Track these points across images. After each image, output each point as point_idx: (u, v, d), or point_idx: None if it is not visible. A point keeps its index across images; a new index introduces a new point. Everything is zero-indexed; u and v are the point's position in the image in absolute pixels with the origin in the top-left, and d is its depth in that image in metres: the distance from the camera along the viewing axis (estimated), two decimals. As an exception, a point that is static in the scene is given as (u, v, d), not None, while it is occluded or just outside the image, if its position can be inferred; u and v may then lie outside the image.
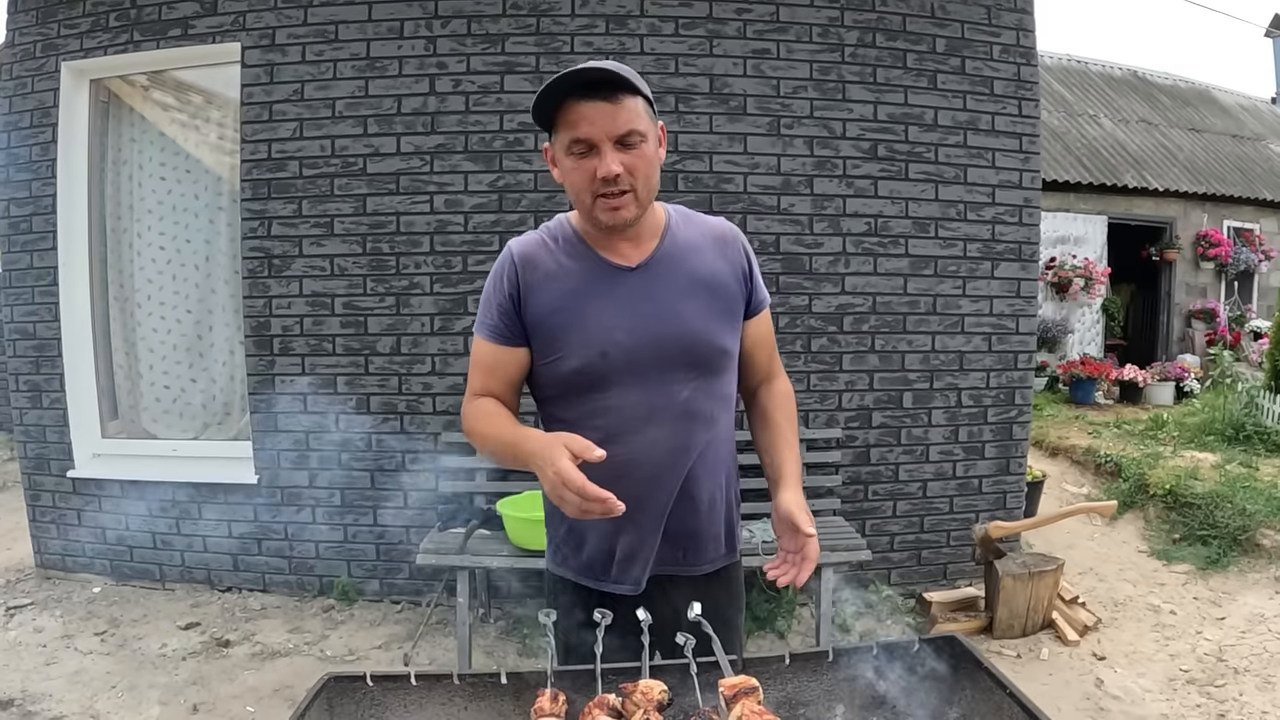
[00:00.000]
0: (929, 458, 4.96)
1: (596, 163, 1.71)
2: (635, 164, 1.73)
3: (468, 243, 4.67)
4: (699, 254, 1.91)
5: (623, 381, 1.82)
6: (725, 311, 1.91)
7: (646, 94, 1.76)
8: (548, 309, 1.82)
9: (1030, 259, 5.00)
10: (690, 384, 1.85)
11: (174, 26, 4.81)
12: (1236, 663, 4.21)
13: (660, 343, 1.82)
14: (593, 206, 1.76)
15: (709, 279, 1.89)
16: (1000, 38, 4.91)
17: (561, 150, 1.75)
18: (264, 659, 4.23)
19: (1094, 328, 11.86)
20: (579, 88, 1.69)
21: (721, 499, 1.98)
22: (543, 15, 4.63)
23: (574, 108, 1.69)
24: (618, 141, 1.71)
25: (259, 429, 4.85)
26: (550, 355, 1.84)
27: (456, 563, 3.98)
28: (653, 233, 1.89)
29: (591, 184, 1.72)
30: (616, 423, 1.82)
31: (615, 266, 1.85)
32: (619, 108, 1.69)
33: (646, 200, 1.79)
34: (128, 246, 5.28)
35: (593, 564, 1.93)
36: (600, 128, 1.69)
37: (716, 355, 1.88)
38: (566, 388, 1.85)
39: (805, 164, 4.75)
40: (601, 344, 1.80)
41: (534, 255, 1.87)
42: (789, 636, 4.49)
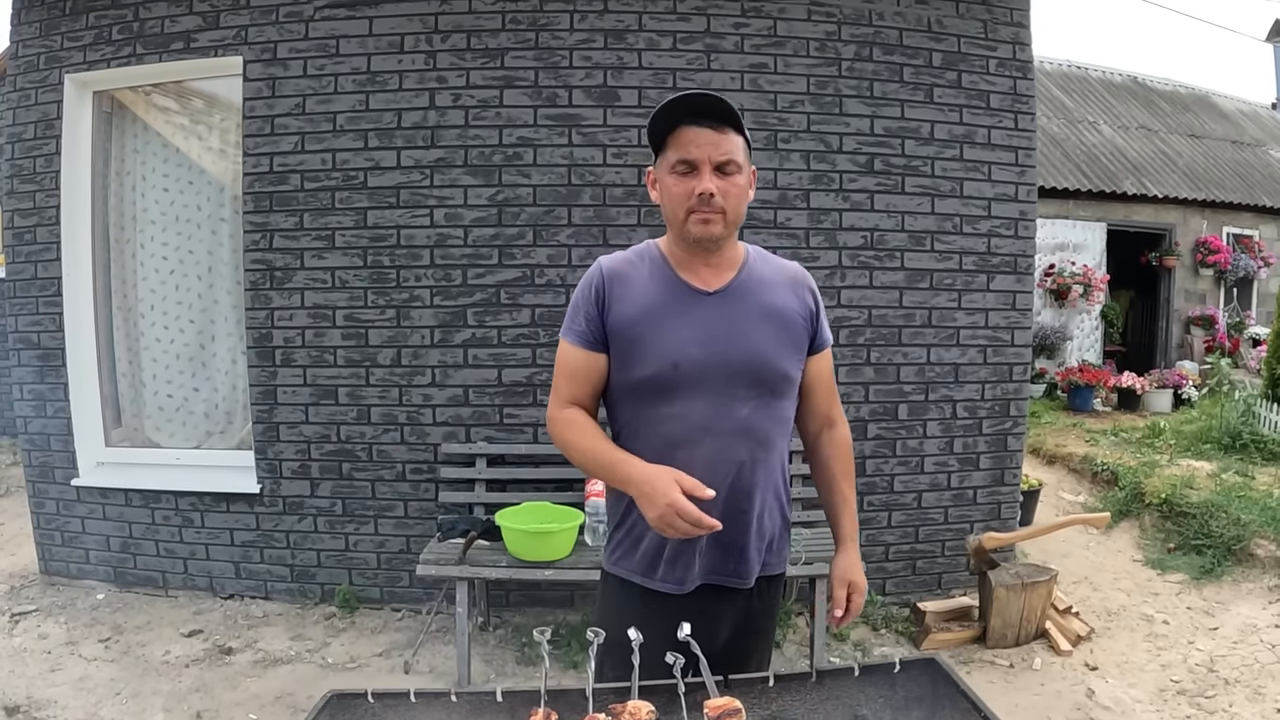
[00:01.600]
0: (924, 469, 4.99)
1: (695, 182, 1.90)
2: (729, 189, 1.92)
3: (467, 256, 4.71)
4: (773, 289, 2.06)
5: (689, 393, 1.96)
6: (791, 342, 2.06)
7: (747, 137, 1.98)
8: (629, 320, 1.98)
9: (1026, 271, 5.03)
10: (751, 403, 1.99)
11: (176, 40, 4.85)
12: (1228, 673, 4.24)
13: (729, 361, 1.96)
14: (685, 221, 1.94)
15: (780, 311, 2.05)
16: (997, 51, 4.94)
17: (666, 169, 1.95)
18: (266, 666, 4.27)
19: (1093, 334, 11.87)
20: (692, 114, 1.90)
21: (769, 516, 2.09)
22: (541, 30, 4.67)
23: (685, 131, 1.91)
24: (717, 167, 1.90)
25: (261, 438, 4.88)
26: (627, 362, 1.99)
27: (456, 573, 4.02)
28: (732, 264, 2.05)
29: (688, 200, 1.91)
30: (679, 430, 1.96)
31: (695, 290, 2.01)
32: (724, 137, 1.91)
33: (733, 225, 1.97)
34: (131, 257, 5.31)
35: (645, 561, 2.05)
36: (704, 151, 1.89)
37: (779, 379, 2.03)
38: (637, 394, 2.00)
39: (802, 178, 4.78)
40: (675, 356, 1.94)
41: (621, 270, 2.04)
42: (784, 646, 4.52)
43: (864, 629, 4.72)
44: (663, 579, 2.03)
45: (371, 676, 4.18)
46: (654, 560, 2.03)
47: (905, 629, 4.70)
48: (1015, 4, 4.97)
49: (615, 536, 2.12)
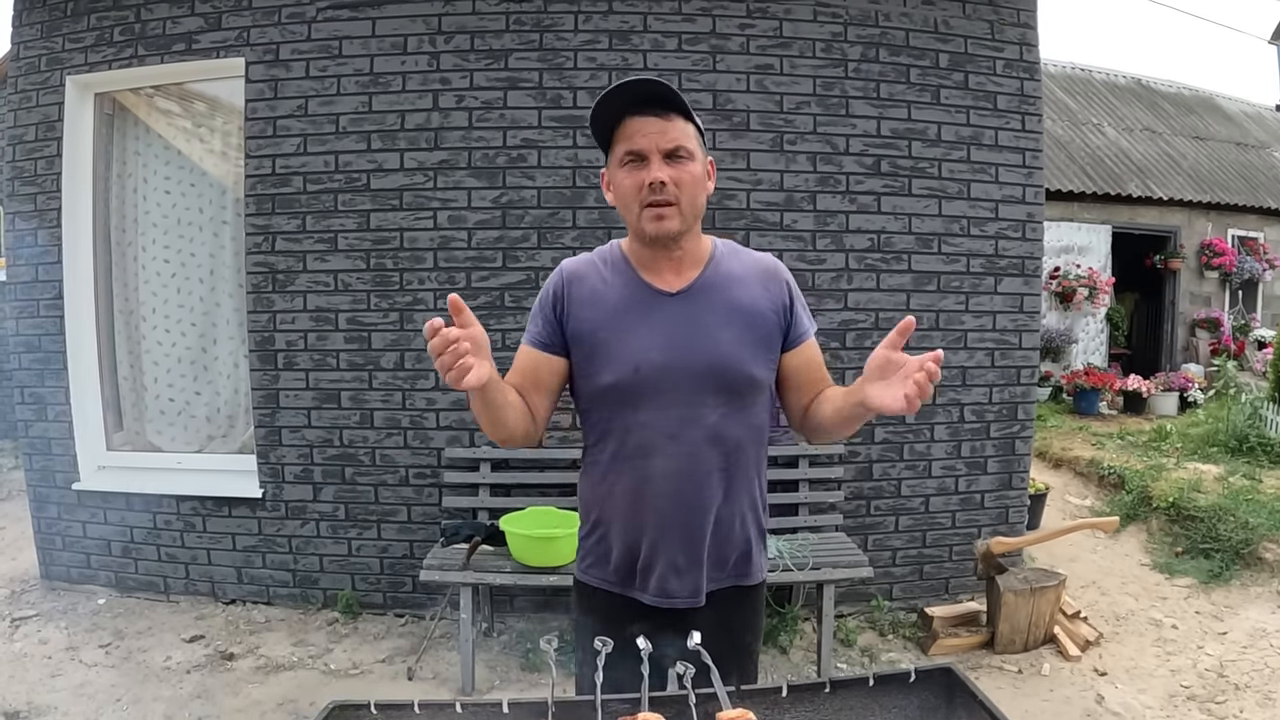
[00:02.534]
0: (931, 473, 4.96)
1: (645, 173, 1.83)
2: (681, 177, 1.85)
3: (471, 259, 4.69)
4: (740, 285, 1.98)
5: (654, 400, 1.89)
6: (761, 342, 1.96)
7: (698, 124, 1.91)
8: (589, 325, 1.92)
9: (1033, 274, 5.01)
10: (719, 409, 1.91)
11: (178, 41, 4.83)
12: (1237, 679, 4.21)
13: (691, 365, 1.89)
14: (640, 216, 1.86)
15: (747, 309, 1.95)
16: (1004, 53, 4.92)
17: (616, 164, 1.89)
18: (268, 672, 4.25)
19: (1098, 337, 11.85)
20: (634, 103, 1.83)
21: (740, 525, 2.01)
22: (546, 31, 4.65)
23: (629, 122, 1.85)
24: (667, 155, 1.84)
25: (263, 443, 4.86)
26: (588, 369, 1.93)
27: (460, 579, 4.00)
28: (696, 261, 1.98)
29: (640, 193, 1.84)
30: (645, 438, 1.90)
31: (657, 291, 1.94)
32: (670, 124, 1.85)
33: (690, 217, 1.89)
34: (132, 260, 5.29)
35: (618, 571, 2.00)
36: (651, 140, 1.83)
37: (745, 382, 1.94)
38: (602, 400, 1.94)
39: (808, 180, 4.75)
40: (635, 360, 1.88)
41: (582, 273, 1.99)
42: (791, 652, 4.49)
43: (871, 634, 4.69)
44: (640, 589, 1.98)
45: (374, 683, 4.15)
46: (626, 569, 1.99)
47: (913, 634, 4.67)
48: (1022, 4, 4.95)
49: (586, 544, 2.07)
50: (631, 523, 1.94)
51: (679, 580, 1.96)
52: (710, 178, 1.96)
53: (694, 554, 1.95)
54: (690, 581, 1.96)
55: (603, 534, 2.01)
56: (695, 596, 1.97)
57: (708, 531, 1.95)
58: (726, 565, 2.02)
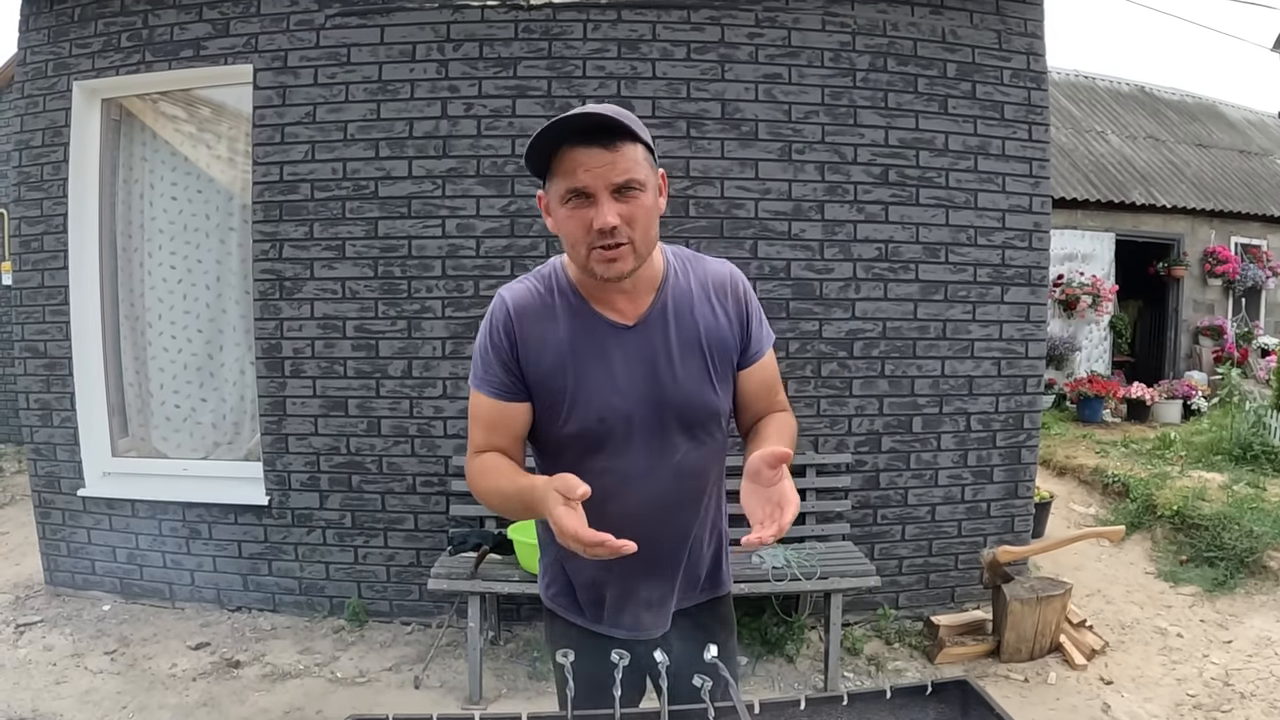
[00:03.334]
0: (938, 482, 4.96)
1: (593, 213, 1.63)
2: (634, 214, 1.66)
3: (479, 267, 4.69)
4: (695, 307, 1.86)
5: (618, 443, 1.81)
6: (719, 369, 1.87)
7: (647, 141, 1.70)
8: (547, 370, 1.79)
9: (1040, 283, 5.01)
10: (683, 445, 1.85)
11: (186, 47, 4.83)
12: (1243, 687, 4.21)
13: (656, 406, 1.80)
14: (588, 258, 1.69)
15: (706, 335, 1.85)
16: (1011, 62, 4.92)
17: (556, 199, 1.68)
18: (274, 680, 4.24)
19: (1101, 345, 11.85)
20: (576, 134, 1.61)
21: (709, 540, 2.00)
22: (555, 39, 4.65)
23: (570, 155, 1.62)
24: (615, 191, 1.64)
25: (270, 450, 4.86)
26: (551, 416, 1.81)
27: (468, 588, 4.00)
28: (649, 286, 1.83)
29: (587, 235, 1.65)
30: (612, 483, 1.77)
31: (611, 324, 1.80)
32: (618, 155, 1.63)
33: (645, 252, 1.73)
34: (138, 265, 5.29)
35: (583, 607, 1.97)
36: (597, 176, 1.62)
37: (709, 418, 1.87)
38: (564, 447, 1.83)
39: (816, 189, 4.76)
40: (599, 409, 1.78)
41: (530, 309, 1.81)
42: (798, 661, 4.49)
43: (877, 643, 4.69)
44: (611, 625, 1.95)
45: (381, 691, 4.15)
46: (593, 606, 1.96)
47: (919, 643, 4.67)
48: (1029, 15, 4.95)
49: (548, 573, 2.03)
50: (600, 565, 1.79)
51: (650, 616, 1.93)
52: (662, 194, 1.77)
53: (666, 587, 1.93)
54: (662, 615, 1.95)
55: (568, 572, 1.97)
56: (665, 626, 1.95)
57: (679, 562, 1.93)
58: (698, 584, 2.00)
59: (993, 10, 4.89)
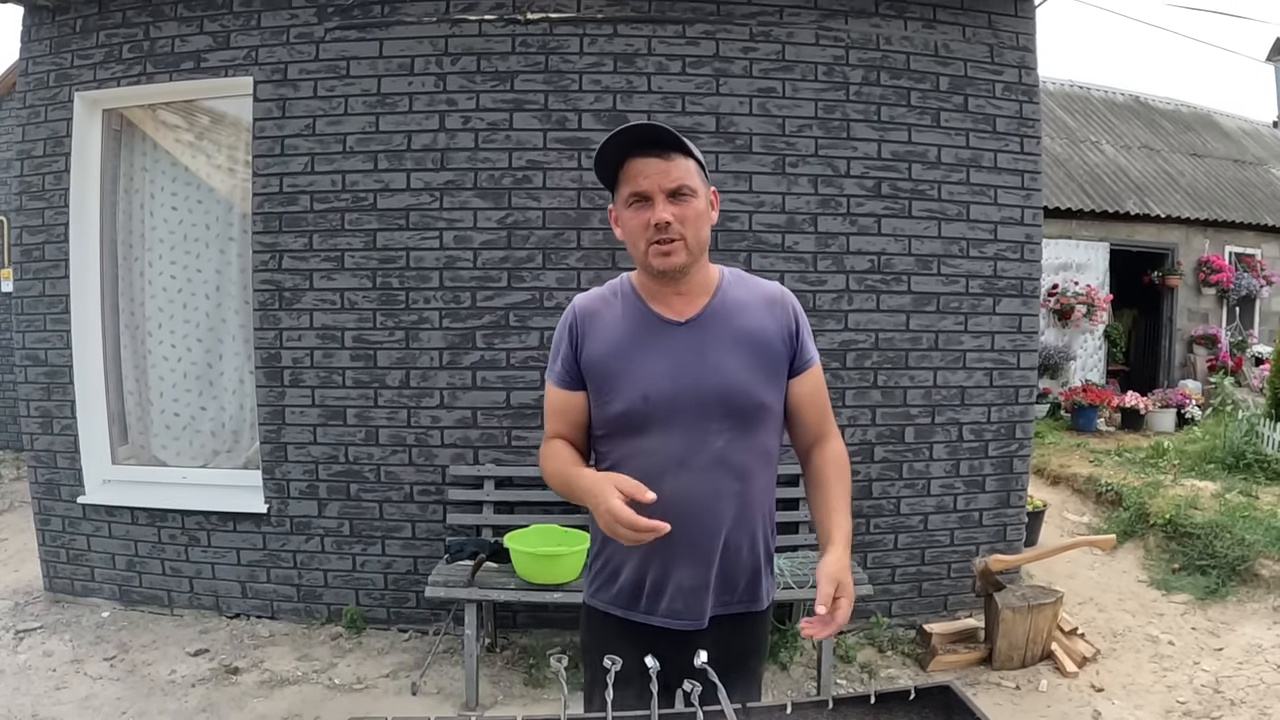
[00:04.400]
0: (930, 491, 5.00)
1: (650, 213, 1.90)
2: (685, 215, 1.91)
3: (476, 278, 4.73)
4: (747, 312, 2.04)
5: (662, 427, 1.96)
6: (767, 368, 2.03)
7: (699, 158, 1.97)
8: (600, 356, 2.00)
9: (1031, 294, 5.06)
10: (725, 434, 1.98)
11: (187, 59, 4.87)
12: (1233, 694, 4.24)
13: (699, 392, 1.95)
14: (646, 253, 1.93)
15: (753, 336, 2.02)
16: (1003, 75, 4.97)
17: (622, 204, 1.96)
18: (273, 686, 4.27)
19: (1096, 354, 11.88)
20: (636, 145, 1.91)
21: (748, 549, 2.06)
22: (551, 53, 4.70)
23: (632, 164, 1.92)
24: (670, 194, 1.90)
25: (269, 459, 4.89)
26: (600, 398, 2.01)
27: (464, 595, 4.04)
28: (704, 290, 2.04)
29: (646, 231, 1.91)
30: (653, 464, 1.95)
31: (666, 321, 2.01)
32: (671, 164, 1.91)
33: (696, 251, 1.95)
34: (139, 275, 5.33)
35: (625, 593, 2.06)
36: (654, 181, 1.90)
37: (753, 408, 2.00)
38: (613, 428, 2.01)
39: (810, 202, 4.80)
40: (645, 389, 1.95)
41: (594, 308, 2.07)
42: (791, 668, 4.52)
43: (870, 650, 4.72)
44: (646, 611, 2.04)
45: (379, 697, 4.18)
46: (633, 591, 2.04)
47: (911, 651, 4.71)
48: (1021, 28, 5.00)
49: (594, 567, 2.14)
50: (641, 547, 1.94)
51: (686, 603, 2.00)
52: (713, 208, 2.02)
53: (703, 577, 2.00)
54: (697, 604, 2.01)
55: (610, 556, 2.07)
56: (700, 619, 2.01)
57: (716, 555, 2.00)
58: (736, 590, 2.06)
59: (985, 24, 4.95)
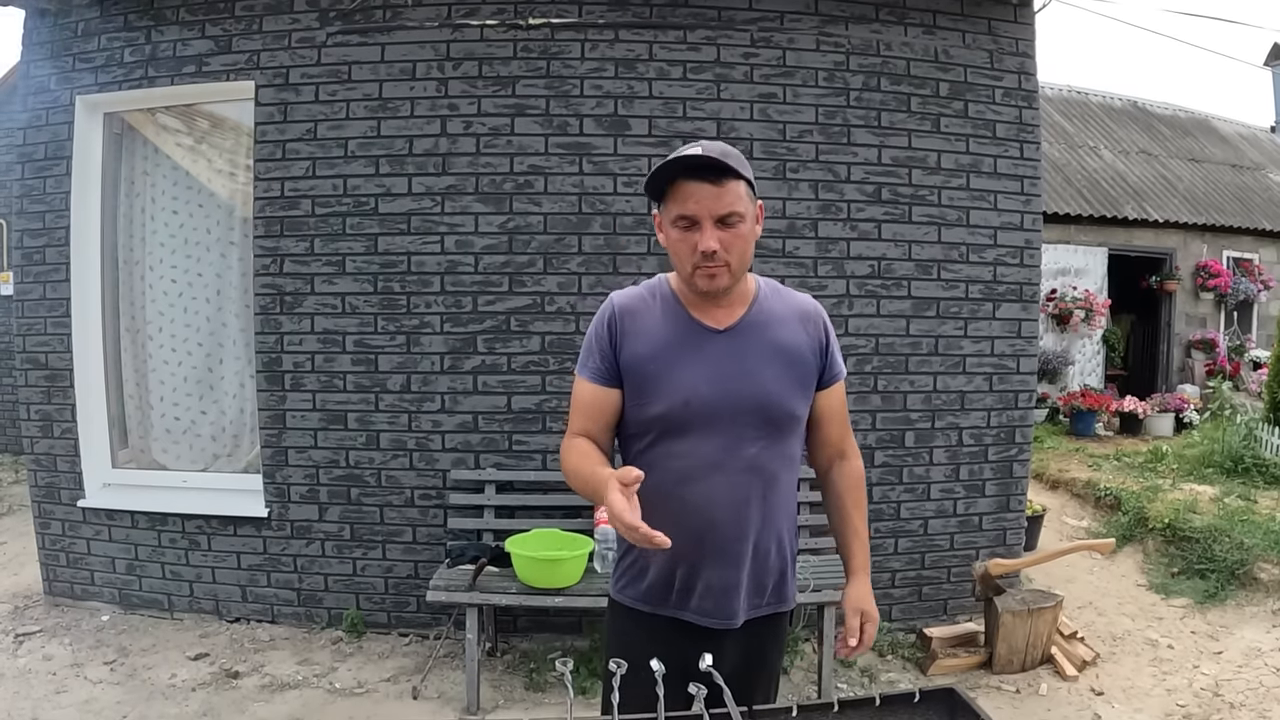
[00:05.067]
0: (930, 496, 5.00)
1: (698, 237, 1.90)
2: (732, 242, 1.92)
3: (478, 283, 4.73)
4: (782, 325, 2.08)
5: (699, 430, 1.99)
6: (799, 380, 2.07)
7: (749, 177, 1.95)
8: (642, 357, 2.01)
9: (1031, 299, 5.07)
10: (759, 441, 2.01)
11: (189, 63, 4.88)
12: (1233, 698, 4.25)
13: (738, 400, 1.99)
14: (692, 275, 1.95)
15: (788, 348, 2.06)
16: (1002, 81, 4.99)
17: (668, 221, 1.96)
18: (274, 690, 4.27)
19: (1094, 359, 11.90)
20: (689, 168, 1.89)
21: (775, 552, 2.11)
22: (553, 59, 4.71)
23: (683, 186, 1.90)
24: (719, 221, 1.90)
25: (270, 463, 4.89)
26: (639, 399, 2.02)
27: (466, 599, 4.04)
28: (742, 300, 2.07)
29: (693, 255, 1.92)
30: (688, 466, 1.99)
31: (706, 328, 2.03)
32: (723, 190, 1.89)
33: (739, 272, 1.98)
34: (139, 279, 5.33)
35: (652, 591, 2.08)
36: (705, 207, 1.89)
37: (786, 418, 2.05)
38: (650, 429, 2.03)
39: (810, 207, 4.81)
40: (686, 393, 1.97)
41: (633, 307, 2.07)
42: (792, 672, 4.52)
43: (871, 655, 4.72)
44: (676, 607, 2.06)
45: (379, 702, 4.18)
46: (662, 589, 2.06)
47: (912, 655, 4.71)
48: (1020, 35, 5.02)
49: (622, 564, 2.15)
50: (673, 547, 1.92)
51: (717, 603, 2.03)
52: (758, 222, 2.02)
53: (732, 578, 2.03)
54: (727, 604, 2.04)
55: (639, 554, 2.08)
56: (731, 619, 2.04)
57: (747, 557, 2.04)
58: (765, 591, 2.11)
59: (985, 30, 4.96)
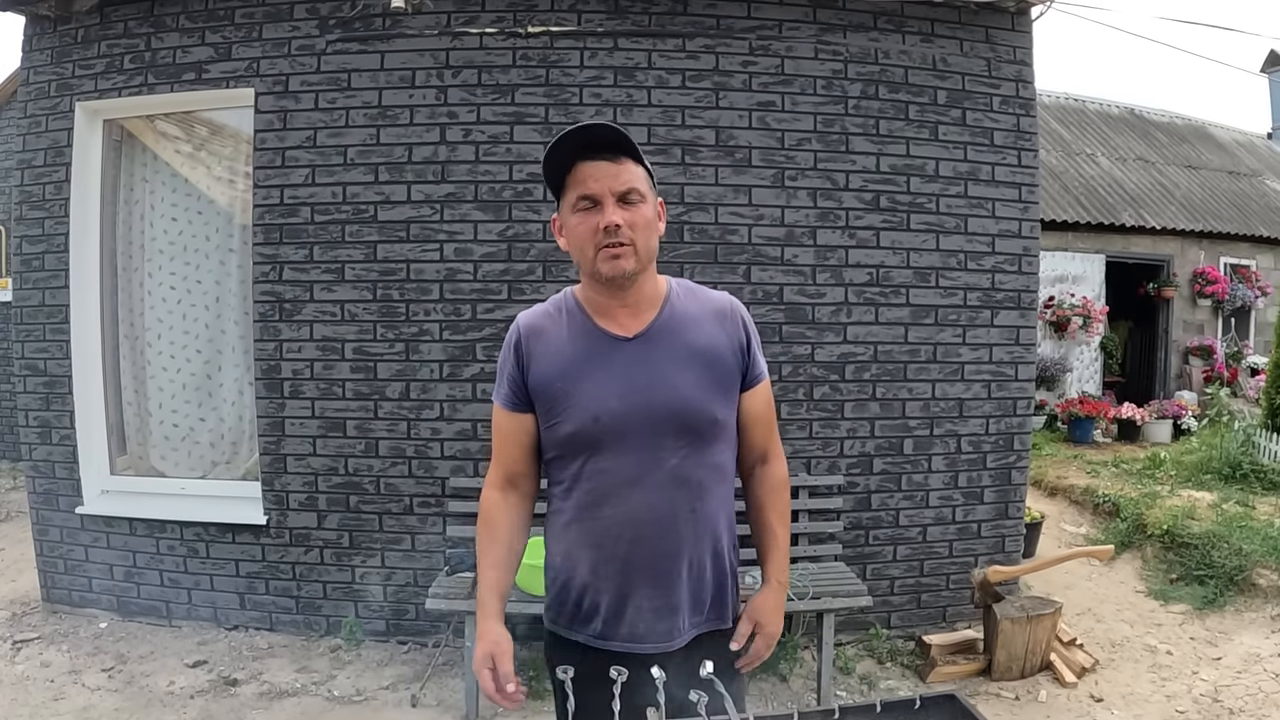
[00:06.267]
0: (929, 503, 5.01)
1: (599, 217, 1.86)
2: (635, 220, 1.88)
3: (477, 291, 4.74)
4: (697, 325, 1.99)
5: (614, 446, 1.91)
6: (719, 383, 1.98)
7: (647, 166, 1.94)
8: (548, 377, 1.94)
9: (1029, 307, 5.08)
10: (679, 452, 1.92)
11: (188, 70, 4.89)
12: (1232, 703, 4.26)
13: (651, 410, 1.90)
14: (595, 259, 1.88)
15: (704, 350, 1.97)
16: (1000, 89, 5.01)
17: (569, 209, 1.91)
18: (272, 698, 4.27)
19: (1092, 366, 11.90)
20: (586, 149, 1.87)
21: (710, 566, 2.02)
22: (552, 67, 4.72)
23: (581, 168, 1.87)
24: (620, 198, 1.87)
25: (268, 470, 4.89)
26: (550, 419, 1.95)
27: (465, 608, 4.04)
28: (652, 304, 1.99)
29: (595, 236, 1.86)
30: (606, 484, 1.92)
31: (613, 337, 1.95)
32: (622, 168, 1.88)
33: (645, 259, 1.92)
34: (138, 285, 5.34)
35: (583, 619, 1.99)
36: (604, 185, 1.86)
37: (707, 425, 1.95)
38: (564, 450, 1.96)
39: (809, 215, 4.82)
40: (595, 410, 1.89)
41: (539, 326, 2.00)
42: (791, 680, 4.52)
43: (869, 662, 4.73)
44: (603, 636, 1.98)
45: (379, 709, 4.18)
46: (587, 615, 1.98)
47: (910, 662, 4.71)
48: (1018, 43, 5.04)
49: (550, 592, 2.07)
50: (597, 570, 1.94)
51: (646, 624, 1.95)
52: (660, 219, 1.98)
53: (664, 599, 1.95)
54: (662, 625, 1.96)
55: (566, 581, 2.00)
56: (667, 640, 1.97)
57: (681, 575, 1.96)
58: (702, 608, 2.02)
59: (982, 39, 4.98)
